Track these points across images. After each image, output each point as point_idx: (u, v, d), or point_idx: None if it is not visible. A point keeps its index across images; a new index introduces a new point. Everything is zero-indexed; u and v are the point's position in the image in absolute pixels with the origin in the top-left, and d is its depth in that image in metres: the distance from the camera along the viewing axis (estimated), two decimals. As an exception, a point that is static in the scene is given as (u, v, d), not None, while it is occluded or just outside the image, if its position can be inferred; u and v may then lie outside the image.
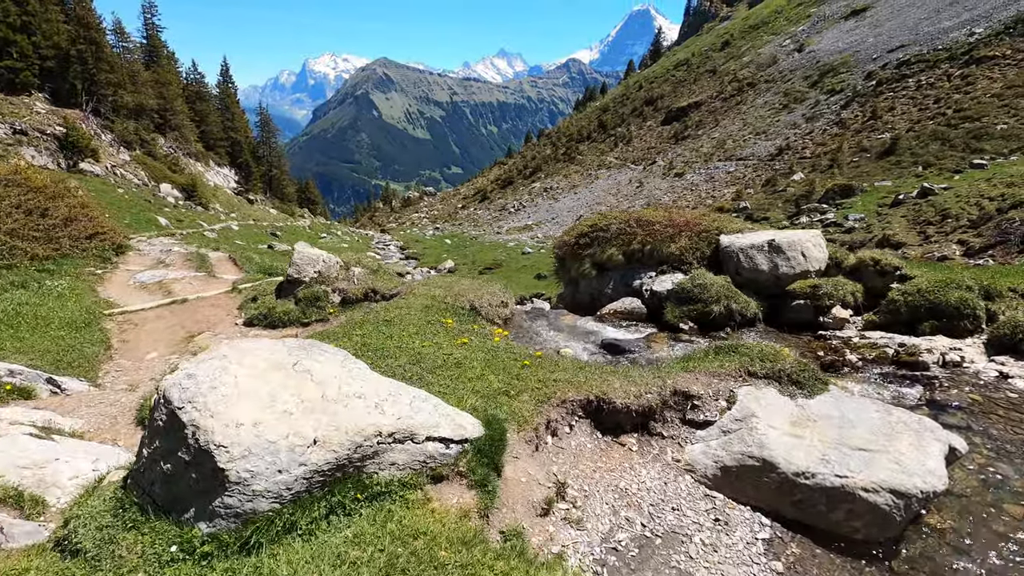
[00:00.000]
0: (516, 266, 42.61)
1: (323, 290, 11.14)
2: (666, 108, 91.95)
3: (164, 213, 42.58)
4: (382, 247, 57.55)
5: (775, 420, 5.28)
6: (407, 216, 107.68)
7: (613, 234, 13.68)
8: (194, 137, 68.50)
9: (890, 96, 55.96)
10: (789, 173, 48.25)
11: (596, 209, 68.65)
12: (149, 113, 62.39)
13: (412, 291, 10.57)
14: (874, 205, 30.03)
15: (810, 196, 35.11)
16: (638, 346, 9.45)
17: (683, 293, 10.58)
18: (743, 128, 70.54)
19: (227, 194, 67.25)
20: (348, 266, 11.83)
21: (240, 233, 45.31)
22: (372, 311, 9.09)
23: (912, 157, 39.46)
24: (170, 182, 54.28)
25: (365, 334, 7.30)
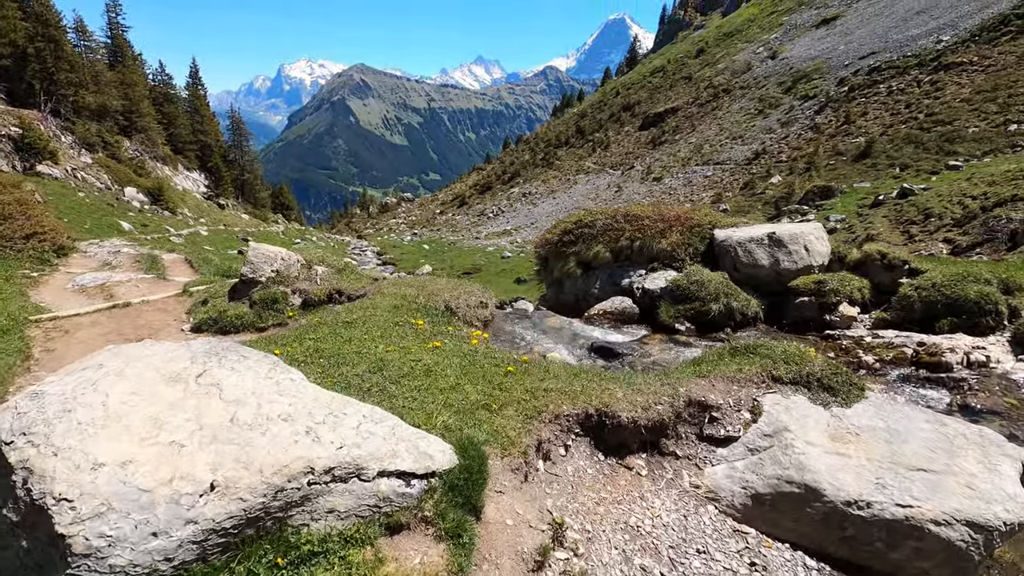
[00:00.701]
0: (495, 270, 41.61)
1: (281, 291, 9.96)
2: (643, 114, 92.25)
3: (128, 218, 40.51)
4: (358, 252, 56.01)
5: (812, 435, 4.34)
6: (385, 222, 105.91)
7: (599, 230, 12.77)
8: (161, 140, 66.03)
9: (862, 101, 56.64)
10: (767, 176, 48.27)
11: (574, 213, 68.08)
12: (113, 115, 59.91)
13: (381, 291, 9.46)
14: (854, 206, 29.81)
15: (790, 198, 34.87)
16: (632, 349, 8.49)
17: (678, 291, 9.68)
18: (720, 133, 70.86)
19: (196, 199, 64.92)
20: (310, 265, 10.66)
21: (209, 238, 43.42)
22: (332, 312, 7.96)
23: (887, 160, 39.65)
24: (135, 186, 52.02)
25: (319, 338, 6.18)
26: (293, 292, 10.09)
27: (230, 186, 69.67)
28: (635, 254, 12.07)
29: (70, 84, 53.93)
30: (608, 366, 7.99)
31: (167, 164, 66.48)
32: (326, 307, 10.02)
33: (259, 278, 9.97)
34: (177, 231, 42.68)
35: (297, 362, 5.27)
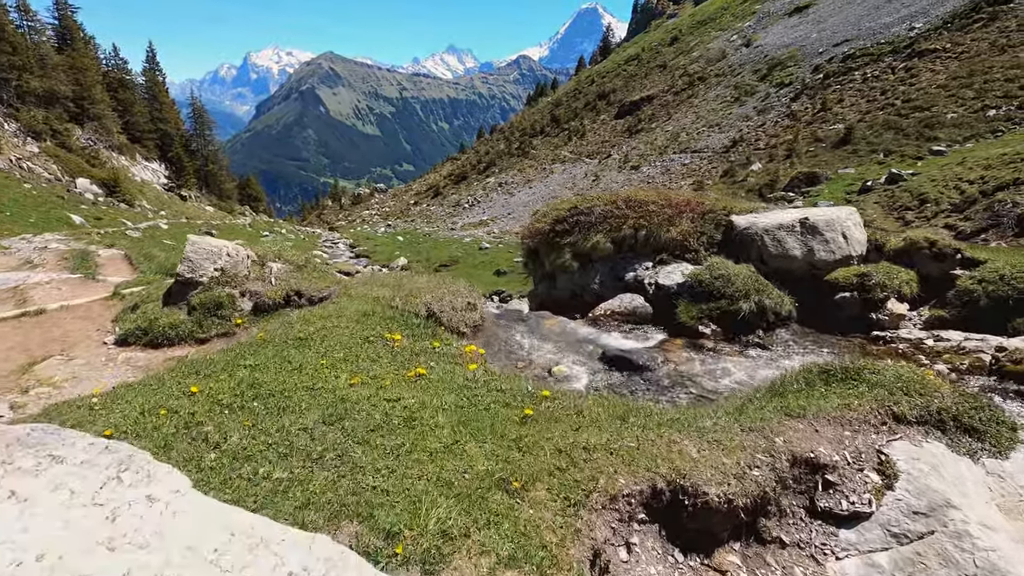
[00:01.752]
0: (473, 262, 39.92)
1: (227, 294, 8.19)
2: (619, 102, 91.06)
3: (80, 211, 37.56)
4: (330, 245, 53.63)
5: (981, 509, 2.93)
6: (357, 213, 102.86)
7: (598, 218, 11.26)
8: (117, 128, 62.09)
9: (838, 88, 56.31)
10: (746, 164, 47.52)
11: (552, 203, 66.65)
12: (62, 101, 55.97)
13: (348, 292, 7.78)
14: (841, 192, 29.03)
15: (774, 185, 34.00)
16: (653, 359, 7.03)
17: (700, 288, 8.24)
18: (696, 121, 70.08)
19: (156, 190, 61.36)
20: (263, 261, 8.90)
21: (169, 232, 40.72)
22: (283, 324, 6.27)
23: (868, 146, 39.17)
24: (88, 177, 48.63)
25: (260, 364, 4.53)
26: (242, 294, 8.33)
27: (193, 177, 66.09)
28: (640, 244, 10.61)
29: (12, 67, 49.98)
30: (629, 383, 6.52)
31: (124, 154, 62.62)
32: (283, 312, 8.31)
33: (199, 278, 8.18)
34: (135, 224, 39.82)
35: (220, 407, 3.64)
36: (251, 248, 8.97)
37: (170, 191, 62.14)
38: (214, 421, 3.36)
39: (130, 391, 4.05)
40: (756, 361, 7.02)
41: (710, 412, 3.73)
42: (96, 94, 60.24)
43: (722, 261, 8.38)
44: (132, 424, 3.37)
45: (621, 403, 3.97)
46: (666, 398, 6.13)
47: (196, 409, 3.58)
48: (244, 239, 43.27)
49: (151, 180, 63.10)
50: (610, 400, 4.06)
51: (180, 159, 64.45)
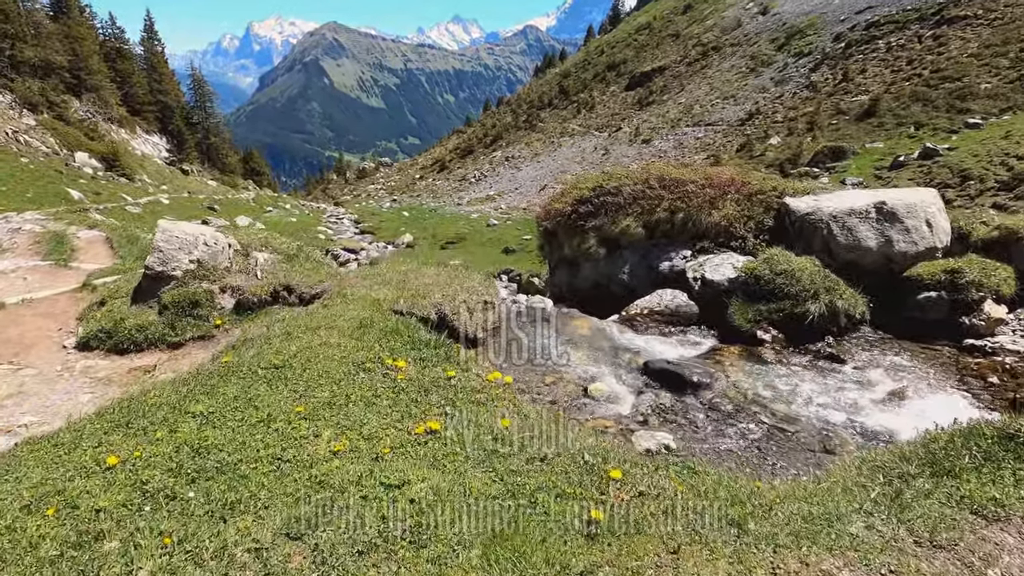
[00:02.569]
0: (481, 239, 38.56)
1: (205, 290, 7.01)
2: (629, 73, 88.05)
3: (78, 185, 36.36)
4: (335, 221, 52.36)
5: None
6: (362, 188, 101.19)
7: (627, 199, 9.92)
8: (116, 100, 60.32)
9: (860, 58, 53.75)
10: (764, 137, 45.51)
11: (561, 178, 64.86)
12: (58, 71, 54.14)
13: (344, 289, 6.57)
14: (870, 168, 27.36)
15: (797, 160, 32.27)
16: (706, 374, 5.82)
17: (757, 285, 6.97)
18: (710, 93, 67.51)
19: (157, 164, 59.90)
20: (247, 251, 7.68)
21: (171, 207, 39.58)
22: (262, 339, 5.07)
23: (895, 119, 37.16)
24: (87, 150, 47.24)
25: (214, 411, 3.31)
26: (223, 290, 7.14)
27: (194, 151, 64.52)
28: (676, 230, 9.30)
29: (5, 36, 48.20)
30: (680, 404, 5.32)
31: (124, 127, 61.01)
32: (271, 310, 7.12)
33: (172, 272, 6.98)
34: (135, 200, 38.65)
35: (141, 496, 2.46)
36: (234, 236, 7.75)
37: (171, 165, 60.70)
38: (123, 532, 2.21)
39: (29, 455, 2.87)
40: (834, 378, 5.80)
41: (855, 502, 2.56)
42: (93, 64, 58.35)
43: (783, 253, 7.08)
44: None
45: (723, 484, 2.78)
46: (733, 430, 4.94)
47: (105, 501, 2.41)
48: (247, 214, 42.08)
49: (152, 154, 61.62)
50: (705, 479, 2.87)
51: (181, 132, 62.78)
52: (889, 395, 5.36)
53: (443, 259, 32.04)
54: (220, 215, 40.55)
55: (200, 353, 6.66)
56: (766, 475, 4.33)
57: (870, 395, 5.46)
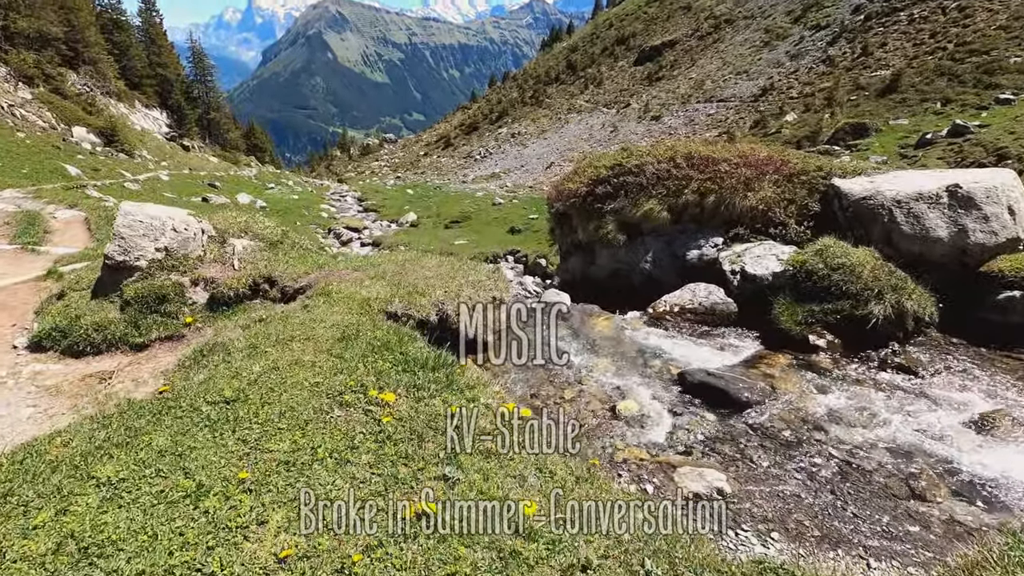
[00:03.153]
0: (486, 219, 37.41)
1: (174, 283, 6.09)
2: (639, 47, 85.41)
3: (76, 161, 35.28)
4: (338, 198, 51.26)
5: None
6: (366, 165, 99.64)
7: (650, 179, 8.88)
8: (114, 73, 58.73)
9: (881, 31, 51.52)
10: (779, 114, 43.80)
11: (567, 155, 63.36)
12: (54, 43, 52.56)
13: (330, 284, 5.64)
14: (894, 145, 25.98)
15: (816, 137, 30.83)
16: (754, 389, 4.89)
17: (808, 281, 5.99)
18: (722, 67, 65.30)
19: (157, 140, 58.61)
20: (224, 237, 6.73)
21: (170, 184, 38.53)
22: (220, 352, 4.14)
23: (918, 94, 35.48)
24: (85, 125, 46.05)
25: (125, 478, 2.31)
26: (194, 283, 6.22)
27: (195, 126, 63.13)
28: (707, 214, 8.28)
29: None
30: (733, 434, 4.41)
31: (122, 101, 59.57)
32: (250, 306, 6.22)
33: (135, 262, 6.05)
34: (134, 176, 37.62)
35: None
36: (208, 220, 6.78)
37: (172, 140, 59.43)
38: None
39: None
40: (907, 395, 4.86)
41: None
42: (90, 36, 56.70)
43: (839, 244, 6.06)
44: None
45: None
46: (796, 466, 4.03)
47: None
48: (249, 192, 41.01)
49: (151, 129, 60.31)
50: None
51: (181, 107, 61.30)
52: (981, 420, 4.43)
53: (447, 238, 30.99)
54: (221, 192, 39.55)
55: (166, 356, 5.77)
56: (847, 530, 3.43)
57: (955, 418, 4.53)
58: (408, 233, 34.39)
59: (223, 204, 34.34)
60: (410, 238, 31.72)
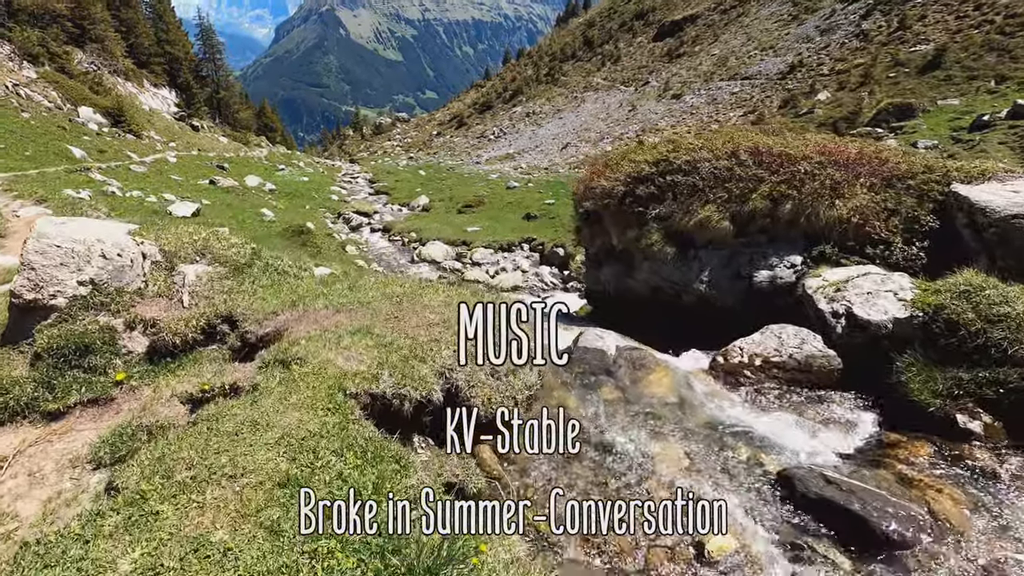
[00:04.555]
0: (500, 203, 35.72)
1: (103, 327, 4.60)
2: (658, 22, 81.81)
3: (82, 143, 33.98)
4: (349, 180, 49.85)
5: None
6: (379, 144, 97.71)
7: (706, 178, 7.17)
8: (121, 52, 57.13)
9: (919, 4, 48.07)
10: (811, 92, 41.11)
11: (584, 136, 61.02)
12: (59, 20, 50.99)
13: (297, 343, 4.11)
14: (945, 128, 23.69)
15: (855, 119, 28.49)
16: (902, 515, 3.31)
17: (951, 335, 4.33)
18: (747, 43, 62.02)
19: (166, 120, 57.19)
20: (173, 262, 5.19)
21: (178, 166, 37.24)
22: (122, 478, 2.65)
23: (964, 71, 32.77)
24: (91, 105, 44.73)
25: None
26: (130, 326, 4.72)
27: (203, 105, 61.58)
28: (781, 225, 6.59)
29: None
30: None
31: (130, 80, 58.12)
32: (201, 354, 4.72)
33: (50, 300, 4.57)
34: (141, 158, 36.36)
35: None
36: (155, 239, 5.24)
37: (181, 120, 58.03)
38: None
39: None
40: None
41: None
42: (96, 12, 55.05)
43: (995, 285, 4.37)
44: None
45: None
46: None
47: None
48: (259, 174, 39.60)
49: (160, 108, 58.91)
50: None
51: (190, 86, 59.71)
52: None
53: (460, 224, 29.35)
54: (229, 174, 38.25)
55: (88, 428, 4.33)
56: None
57: None
58: (420, 218, 32.80)
59: (231, 187, 32.98)
60: (422, 223, 30.14)
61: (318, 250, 22.33)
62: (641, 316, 8.10)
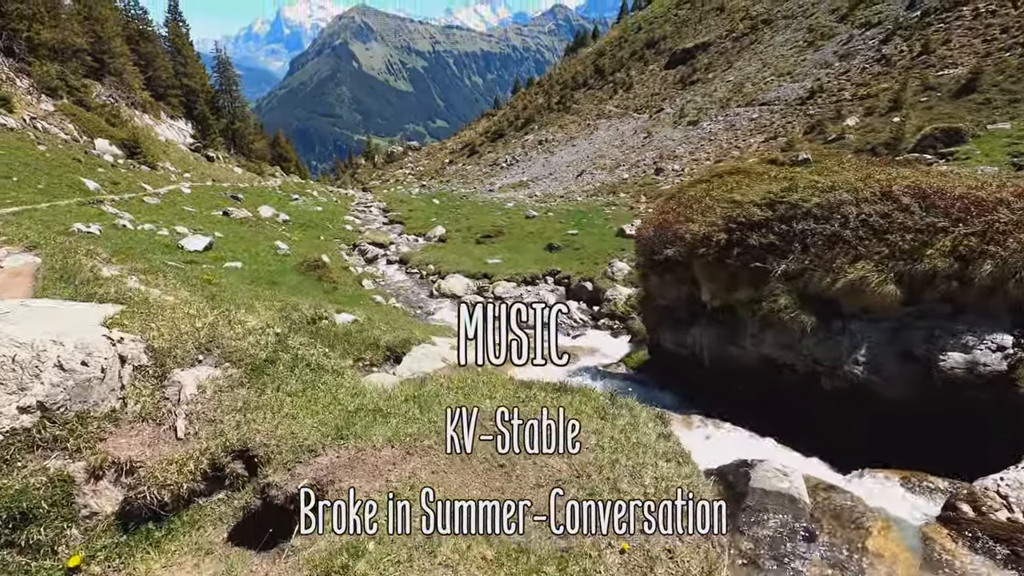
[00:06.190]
0: (520, 233, 34.27)
1: (54, 475, 2.99)
2: (669, 50, 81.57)
3: (96, 175, 33.04)
4: (363, 209, 48.81)
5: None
6: (391, 172, 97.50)
7: (854, 227, 5.53)
8: (139, 84, 57.15)
9: (942, 27, 46.96)
10: (837, 118, 39.68)
11: (599, 163, 59.95)
12: (79, 54, 51.09)
13: (365, 550, 2.47)
14: (1003, 155, 22.03)
15: (897, 144, 26.91)
16: None
17: None
18: (763, 69, 61.18)
19: (181, 151, 56.82)
20: (165, 365, 3.57)
21: (191, 198, 36.21)
22: None
23: (1004, 94, 31.24)
24: (107, 137, 44.24)
25: None
26: (95, 474, 3.09)
27: (219, 136, 61.35)
28: (975, 292, 4.89)
29: (21, 17, 45.10)
30: None
31: (147, 111, 58.02)
32: (200, 513, 3.06)
33: (-25, 440, 2.97)
34: (155, 189, 35.35)
35: None
36: (138, 330, 3.64)
37: (196, 151, 57.66)
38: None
39: None
40: None
41: None
42: (116, 47, 55.31)
43: None
44: None
45: None
46: None
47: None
48: (272, 204, 38.53)
49: (176, 140, 58.69)
50: None
51: (206, 117, 59.55)
52: None
53: (480, 256, 27.81)
54: (243, 205, 37.19)
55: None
56: None
57: None
58: (437, 249, 31.35)
59: (245, 218, 31.75)
60: (440, 255, 28.67)
61: (335, 286, 20.82)
62: (743, 390, 6.40)
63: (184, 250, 18.64)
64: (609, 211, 36.02)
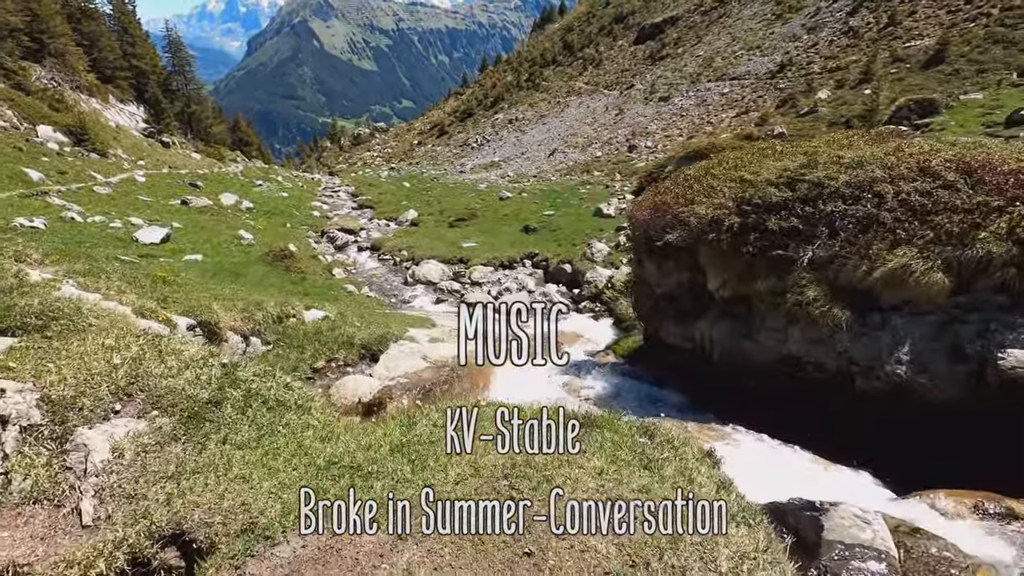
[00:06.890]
0: (495, 216, 33.24)
1: None
2: (638, 25, 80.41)
3: (40, 164, 30.56)
4: (330, 194, 47.04)
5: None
6: (358, 156, 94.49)
7: (890, 208, 4.88)
8: (83, 66, 53.32)
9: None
10: (808, 91, 39.48)
11: (571, 141, 58.95)
12: (15, 34, 47.24)
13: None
14: (977, 124, 21.98)
15: (871, 116, 26.70)
16: None
17: None
18: (732, 43, 60.70)
19: (134, 137, 53.49)
20: (66, 420, 2.53)
21: (147, 186, 33.95)
22: None
23: (971, 64, 31.36)
24: (51, 123, 41.12)
25: None
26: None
27: (174, 120, 58.00)
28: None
29: (-55, -6, 41.36)
30: None
31: (94, 95, 54.33)
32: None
33: None
34: (106, 178, 32.97)
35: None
36: (30, 375, 2.74)
37: (149, 137, 54.46)
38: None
39: None
40: None
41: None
42: (55, 26, 51.32)
43: None
44: None
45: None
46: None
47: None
48: (234, 191, 36.46)
49: (128, 125, 55.22)
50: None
51: (159, 100, 56.13)
52: None
53: (454, 240, 26.71)
54: (203, 193, 35.20)
55: None
56: None
57: None
58: (410, 234, 30.09)
59: (205, 206, 29.87)
60: (412, 240, 27.46)
61: (303, 276, 19.59)
62: (751, 390, 5.79)
63: (139, 243, 17.18)
64: (584, 190, 35.15)
